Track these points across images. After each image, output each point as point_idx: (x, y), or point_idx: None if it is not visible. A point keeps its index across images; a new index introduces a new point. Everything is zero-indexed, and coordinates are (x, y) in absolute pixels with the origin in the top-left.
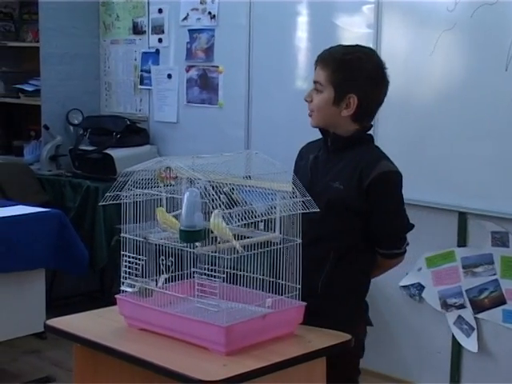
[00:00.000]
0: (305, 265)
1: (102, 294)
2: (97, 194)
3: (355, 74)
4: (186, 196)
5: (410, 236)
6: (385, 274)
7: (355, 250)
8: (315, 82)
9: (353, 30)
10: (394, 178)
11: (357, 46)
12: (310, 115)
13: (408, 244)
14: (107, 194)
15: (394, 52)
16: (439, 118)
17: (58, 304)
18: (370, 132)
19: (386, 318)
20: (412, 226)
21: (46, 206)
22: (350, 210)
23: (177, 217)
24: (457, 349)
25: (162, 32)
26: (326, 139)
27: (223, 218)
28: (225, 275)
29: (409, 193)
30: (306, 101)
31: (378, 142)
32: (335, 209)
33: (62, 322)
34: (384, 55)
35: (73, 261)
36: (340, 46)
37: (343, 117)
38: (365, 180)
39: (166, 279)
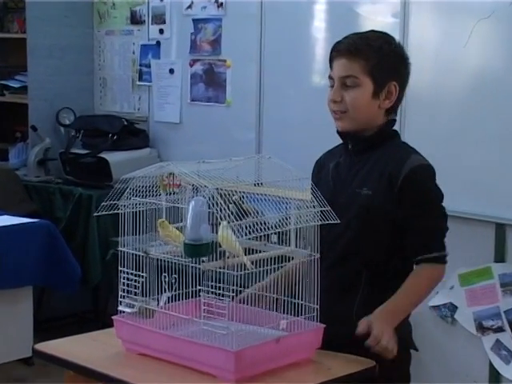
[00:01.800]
0: (333, 288)
1: (96, 315)
2: (90, 202)
3: (392, 59)
4: (191, 205)
5: None
6: None
7: (391, 267)
8: (344, 77)
9: (376, 20)
10: (427, 173)
11: (372, 31)
12: (339, 118)
13: (447, 254)
14: (103, 203)
15: (423, 44)
16: (474, 117)
17: (46, 326)
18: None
19: (416, 343)
20: (447, 228)
21: (33, 216)
22: (383, 219)
23: (180, 229)
24: (495, 377)
25: (164, 22)
26: (346, 142)
27: (232, 229)
28: (234, 294)
29: None
30: (335, 101)
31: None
32: (365, 219)
33: (52, 347)
34: (412, 47)
35: (63, 277)
36: (355, 33)
37: (380, 110)
38: (395, 181)
39: (168, 298)
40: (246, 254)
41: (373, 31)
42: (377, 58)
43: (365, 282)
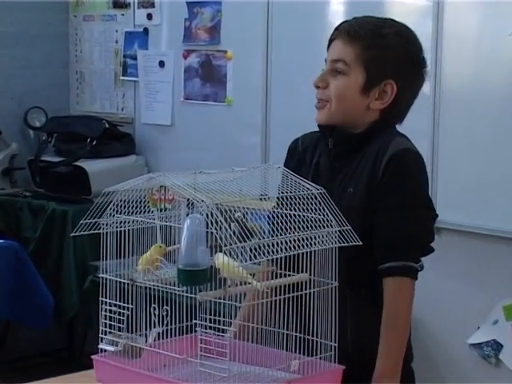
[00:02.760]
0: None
1: (71, 354)
2: (65, 220)
3: (395, 53)
4: (185, 224)
5: (477, 277)
6: (450, 327)
7: (378, 282)
8: (335, 61)
9: (405, 2)
10: (410, 158)
11: (390, 19)
12: (320, 107)
13: (423, 267)
14: (81, 221)
15: (461, 32)
16: None
17: (12, 367)
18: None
19: None
20: (432, 239)
21: None
22: (364, 220)
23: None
24: None
25: (153, 5)
26: (325, 139)
27: (231, 254)
28: (237, 329)
29: (479, 219)
30: (318, 86)
31: (438, 150)
32: (348, 222)
33: None
34: (448, 36)
35: (32, 310)
36: (367, 16)
37: (370, 110)
38: (377, 172)
39: (158, 334)
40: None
41: (391, 20)
42: (377, 49)
43: (351, 305)
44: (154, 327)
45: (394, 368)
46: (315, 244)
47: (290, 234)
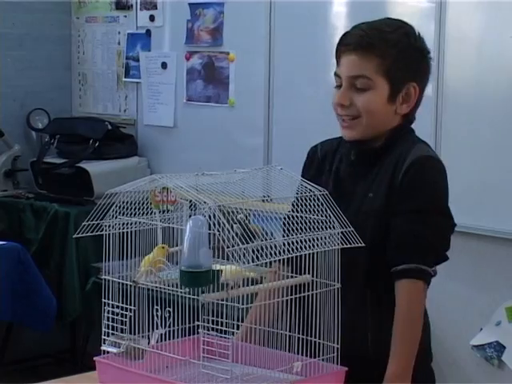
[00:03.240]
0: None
1: (74, 356)
2: (67, 221)
3: (411, 56)
4: (188, 226)
5: (480, 278)
6: (453, 329)
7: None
8: (354, 77)
9: (408, 3)
10: (430, 164)
11: (387, 19)
12: (348, 126)
13: (436, 273)
14: (84, 222)
15: (464, 34)
16: None
17: (15, 369)
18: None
19: None
20: (447, 247)
21: None
22: (381, 224)
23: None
24: None
25: (155, 7)
26: (348, 149)
27: (233, 255)
28: (239, 331)
29: (482, 221)
30: (342, 105)
31: (441, 152)
32: (367, 230)
33: None
34: (450, 38)
35: (35, 312)
36: (366, 23)
37: (396, 116)
38: (397, 177)
39: (161, 336)
40: (253, 284)
41: (388, 19)
42: (394, 55)
43: (371, 308)
44: (157, 329)
45: (405, 369)
46: (318, 245)
47: (292, 235)
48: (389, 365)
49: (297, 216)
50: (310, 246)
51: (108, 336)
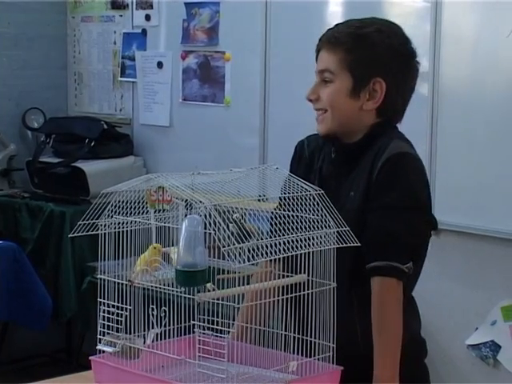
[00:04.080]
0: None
1: (70, 355)
2: (63, 221)
3: (378, 51)
4: (184, 225)
5: (475, 278)
6: (448, 328)
7: None
8: (322, 71)
9: (403, 4)
10: (405, 161)
11: (370, 17)
12: (320, 120)
13: (411, 269)
14: (79, 221)
15: (459, 33)
16: None
17: (10, 368)
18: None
19: None
20: (421, 242)
21: None
22: (361, 222)
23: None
24: None
25: (151, 6)
26: (329, 147)
27: (229, 254)
28: (235, 330)
29: (477, 220)
30: (310, 100)
31: (436, 151)
32: (350, 229)
33: None
34: (446, 37)
35: (31, 311)
36: (349, 20)
37: (365, 112)
38: (373, 175)
39: (156, 335)
40: (248, 283)
41: (370, 18)
42: (359, 50)
43: (357, 304)
44: (153, 328)
45: (391, 370)
46: (313, 245)
47: (288, 234)
48: (374, 365)
49: (293, 216)
50: (305, 246)
51: (104, 335)
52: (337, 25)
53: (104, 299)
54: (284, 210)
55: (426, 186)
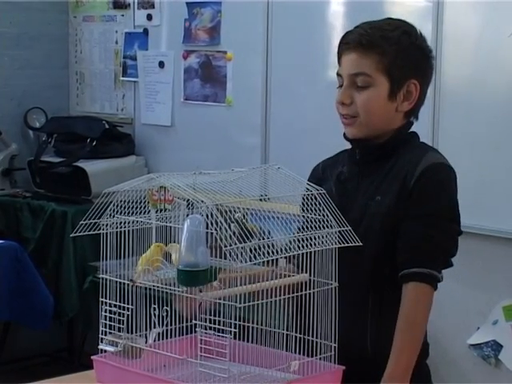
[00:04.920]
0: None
1: (71, 355)
2: (65, 220)
3: (410, 53)
4: (185, 225)
5: (477, 277)
6: (450, 328)
7: (399, 288)
8: (355, 75)
9: (405, 3)
10: (443, 172)
11: (388, 19)
12: (349, 123)
13: (442, 278)
14: (81, 221)
15: (461, 33)
16: None
17: (12, 368)
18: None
19: None
20: (455, 253)
21: None
22: (388, 228)
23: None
24: None
25: (152, 6)
26: (353, 149)
27: (230, 254)
28: (237, 329)
29: (479, 220)
30: (344, 104)
31: (438, 150)
32: (373, 232)
33: None
34: (448, 37)
35: (32, 310)
36: (367, 23)
37: (397, 113)
38: (408, 183)
39: (158, 334)
40: (250, 283)
41: (389, 19)
42: (393, 53)
43: (372, 309)
44: (154, 328)
45: (403, 372)
46: (315, 244)
47: (290, 234)
48: (388, 364)
49: (298, 215)
50: (307, 245)
51: (105, 335)
52: (358, 27)
53: (106, 299)
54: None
55: (457, 197)
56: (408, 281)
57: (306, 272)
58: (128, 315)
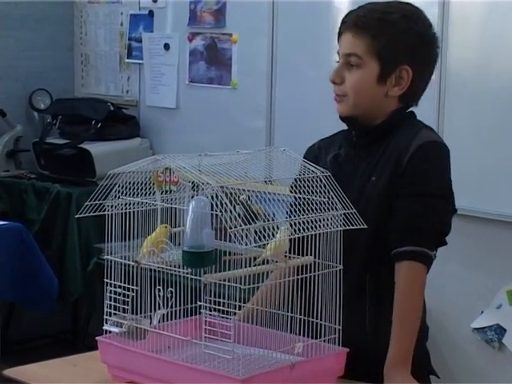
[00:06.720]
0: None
1: (76, 336)
2: (69, 202)
3: (406, 38)
4: (190, 206)
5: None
6: (454, 312)
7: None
8: (347, 55)
9: None
10: (436, 150)
11: (395, 1)
12: (339, 101)
13: (435, 257)
14: (87, 202)
15: (468, 16)
16: None
17: (17, 349)
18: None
19: (454, 371)
20: (447, 231)
21: (1, 217)
22: (383, 208)
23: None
24: None
25: None
26: (350, 131)
27: (235, 236)
28: (241, 311)
29: (483, 204)
30: (334, 82)
31: (443, 135)
32: (369, 213)
33: (24, 373)
34: (454, 21)
35: (37, 292)
36: (371, 3)
37: (388, 98)
38: (402, 162)
39: (163, 316)
40: (255, 265)
41: (397, 2)
42: (388, 36)
43: (370, 290)
44: (159, 309)
45: (406, 354)
46: (320, 227)
47: (295, 216)
48: (390, 348)
49: (299, 197)
50: (312, 228)
51: (110, 316)
52: (360, 7)
53: (111, 280)
54: (294, 193)
55: (451, 174)
56: (401, 259)
57: (311, 254)
58: (133, 296)
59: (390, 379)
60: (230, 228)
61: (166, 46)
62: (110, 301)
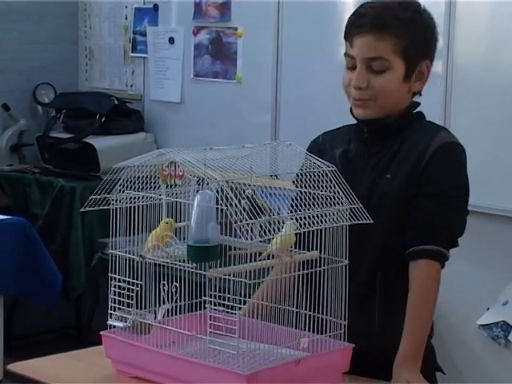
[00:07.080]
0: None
1: (79, 331)
2: (73, 196)
3: (423, 33)
4: (196, 201)
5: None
6: (460, 309)
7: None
8: (371, 59)
9: None
10: (456, 151)
11: None
12: (362, 105)
13: (449, 257)
14: (92, 196)
15: (474, 10)
16: None
17: (20, 343)
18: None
19: (460, 368)
20: (463, 232)
21: (4, 212)
22: (398, 206)
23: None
24: None
25: None
26: (360, 127)
27: (240, 230)
28: (246, 306)
29: (489, 199)
30: (359, 88)
31: (450, 129)
32: (382, 210)
33: (28, 368)
34: (461, 14)
35: (41, 286)
36: (374, 2)
37: (409, 94)
38: (421, 162)
39: (167, 311)
40: (260, 260)
41: None
42: (409, 34)
43: (380, 288)
44: (164, 304)
45: (417, 351)
46: (326, 221)
47: (300, 211)
48: (401, 345)
49: (304, 192)
50: (317, 222)
51: (114, 311)
52: (368, 6)
53: (115, 274)
54: (297, 187)
55: (468, 177)
56: (417, 258)
57: (317, 249)
58: (137, 291)
59: (399, 375)
60: (235, 222)
61: (171, 40)
62: (115, 295)
